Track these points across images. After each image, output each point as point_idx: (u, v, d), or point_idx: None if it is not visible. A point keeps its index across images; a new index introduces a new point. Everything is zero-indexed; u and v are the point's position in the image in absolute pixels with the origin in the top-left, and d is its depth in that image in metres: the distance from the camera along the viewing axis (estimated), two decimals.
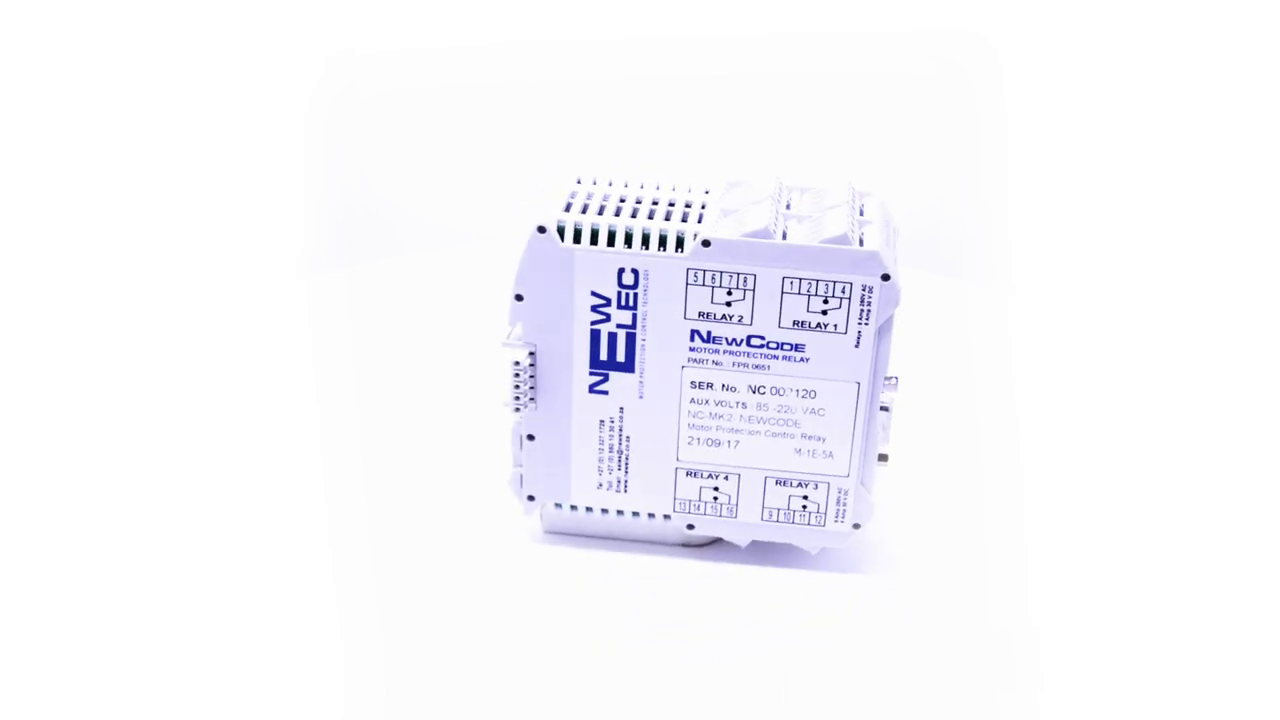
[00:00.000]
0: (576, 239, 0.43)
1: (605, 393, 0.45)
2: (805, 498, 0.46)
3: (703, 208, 0.45)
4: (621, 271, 0.43)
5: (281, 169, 0.72)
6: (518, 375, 0.45)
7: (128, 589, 0.45)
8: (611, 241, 0.43)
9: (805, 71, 0.74)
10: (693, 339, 0.44)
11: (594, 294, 0.44)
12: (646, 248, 0.43)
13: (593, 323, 0.44)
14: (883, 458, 0.46)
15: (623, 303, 0.44)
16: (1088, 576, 0.47)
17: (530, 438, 0.46)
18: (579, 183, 0.45)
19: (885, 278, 0.43)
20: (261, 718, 0.40)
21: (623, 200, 0.45)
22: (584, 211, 0.44)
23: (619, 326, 0.44)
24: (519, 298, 0.44)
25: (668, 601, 0.46)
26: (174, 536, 0.48)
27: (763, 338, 0.44)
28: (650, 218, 0.44)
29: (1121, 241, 0.67)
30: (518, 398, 0.45)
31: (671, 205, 0.45)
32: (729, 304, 0.44)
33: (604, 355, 0.45)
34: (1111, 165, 0.69)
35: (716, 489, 0.46)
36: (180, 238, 0.67)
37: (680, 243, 0.43)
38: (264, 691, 0.41)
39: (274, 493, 0.50)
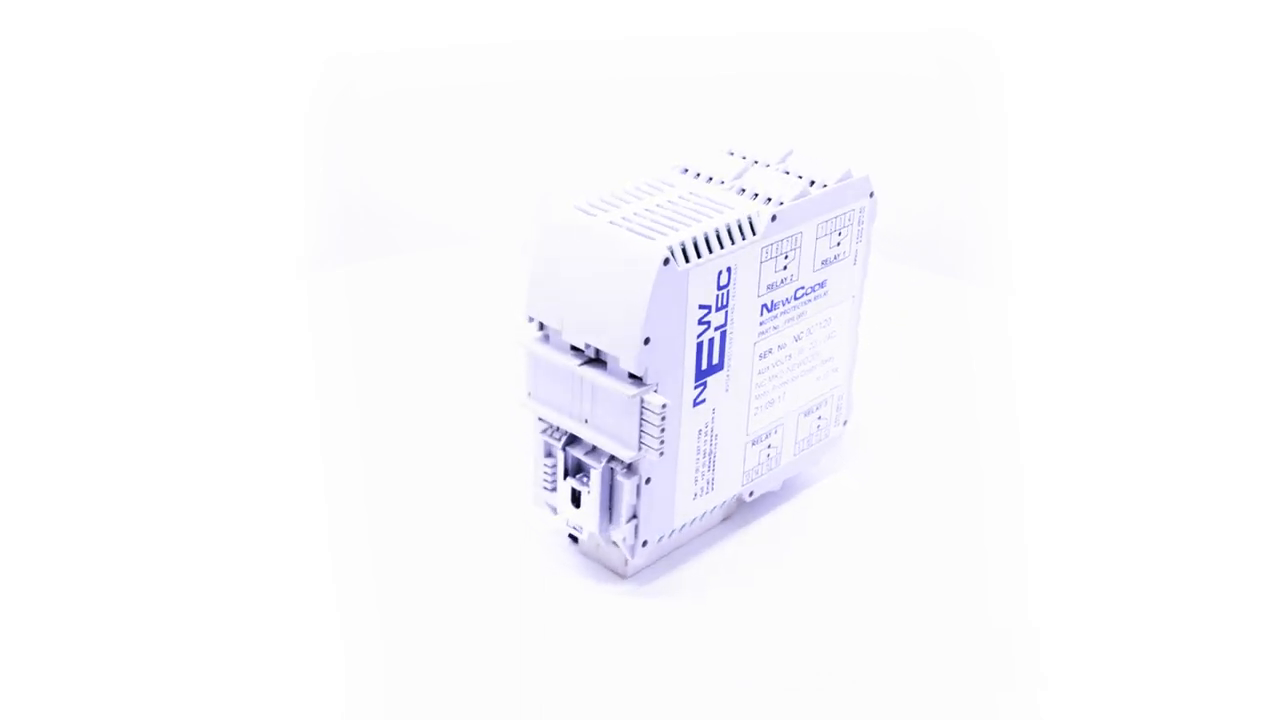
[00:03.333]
0: (686, 258, 0.42)
1: (704, 401, 0.44)
2: (820, 417, 0.50)
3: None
4: (720, 274, 0.43)
5: (281, 169, 0.72)
6: (664, 419, 0.42)
7: (128, 587, 0.45)
8: (710, 248, 0.42)
9: (806, 71, 0.73)
10: (762, 313, 0.45)
11: (699, 306, 0.43)
12: (733, 242, 0.43)
13: (698, 336, 0.43)
14: None
15: (719, 304, 0.43)
16: (1088, 576, 0.47)
17: (648, 481, 0.44)
18: (586, 213, 0.43)
19: (870, 195, 0.47)
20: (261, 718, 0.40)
21: (647, 209, 0.43)
22: (660, 232, 0.42)
23: (716, 329, 0.44)
24: (648, 341, 0.41)
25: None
26: (174, 535, 0.47)
27: (803, 286, 0.46)
28: (706, 216, 0.43)
29: (1121, 242, 0.68)
30: (663, 441, 0.43)
31: (682, 199, 0.44)
32: (785, 268, 0.45)
33: (704, 364, 0.44)
34: (1111, 165, 0.69)
35: (770, 446, 0.48)
36: (181, 238, 0.67)
37: (752, 226, 0.44)
38: (262, 690, 0.41)
39: (274, 491, 0.50)
